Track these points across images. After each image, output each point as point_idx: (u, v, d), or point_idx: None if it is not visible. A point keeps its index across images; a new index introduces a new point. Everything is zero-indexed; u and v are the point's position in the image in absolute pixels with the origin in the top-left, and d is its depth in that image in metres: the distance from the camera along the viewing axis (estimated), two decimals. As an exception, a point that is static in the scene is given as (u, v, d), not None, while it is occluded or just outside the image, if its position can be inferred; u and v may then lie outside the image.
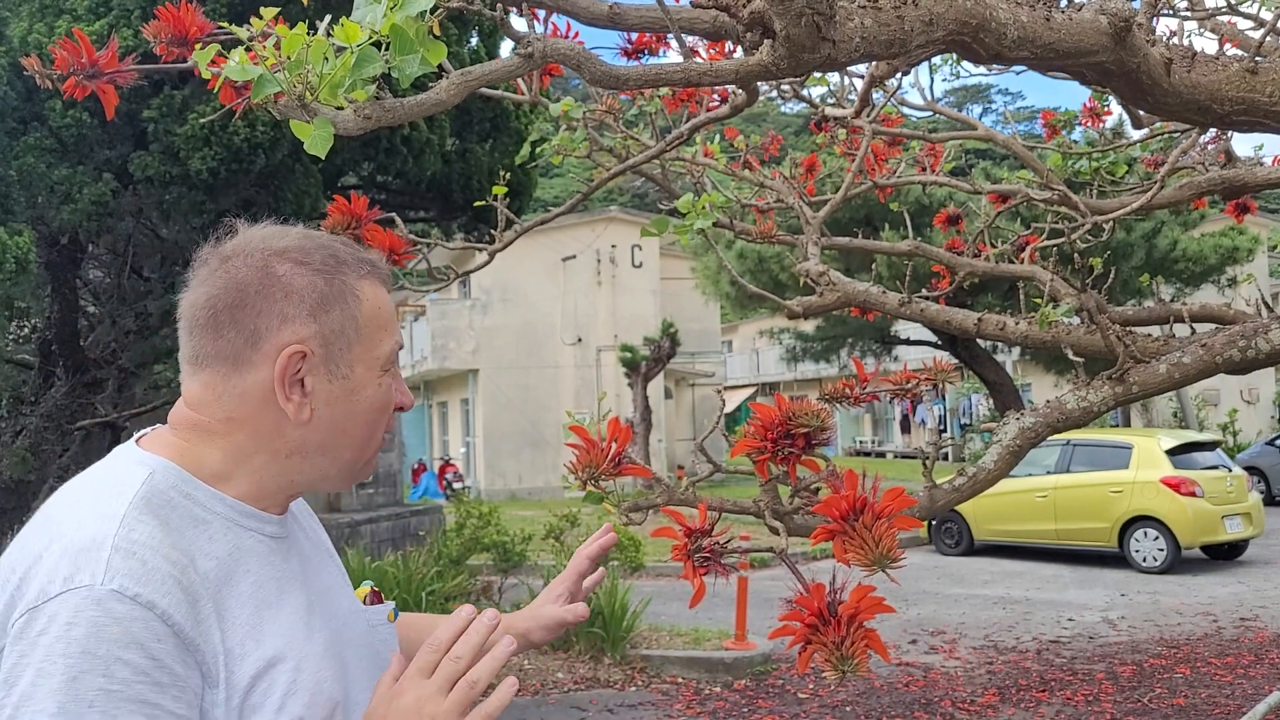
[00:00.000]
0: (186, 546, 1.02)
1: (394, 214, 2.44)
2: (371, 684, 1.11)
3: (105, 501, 1.02)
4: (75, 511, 1.02)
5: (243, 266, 1.08)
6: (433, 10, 1.32)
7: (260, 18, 1.49)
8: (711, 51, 2.90)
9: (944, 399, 29.94)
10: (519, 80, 2.83)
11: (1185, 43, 2.11)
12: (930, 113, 3.99)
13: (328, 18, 1.37)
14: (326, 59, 1.31)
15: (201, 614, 0.99)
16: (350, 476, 1.17)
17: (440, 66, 1.44)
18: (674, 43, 1.67)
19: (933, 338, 15.00)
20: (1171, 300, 3.39)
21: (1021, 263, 3.34)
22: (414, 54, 1.29)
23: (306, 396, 1.09)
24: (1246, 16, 3.11)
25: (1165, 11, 3.03)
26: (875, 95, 3.28)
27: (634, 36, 2.51)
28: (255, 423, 1.09)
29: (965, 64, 3.70)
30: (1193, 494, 11.52)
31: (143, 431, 1.15)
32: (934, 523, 13.50)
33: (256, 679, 1.01)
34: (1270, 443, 18.62)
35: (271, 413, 1.09)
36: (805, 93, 3.62)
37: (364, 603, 1.25)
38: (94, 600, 0.93)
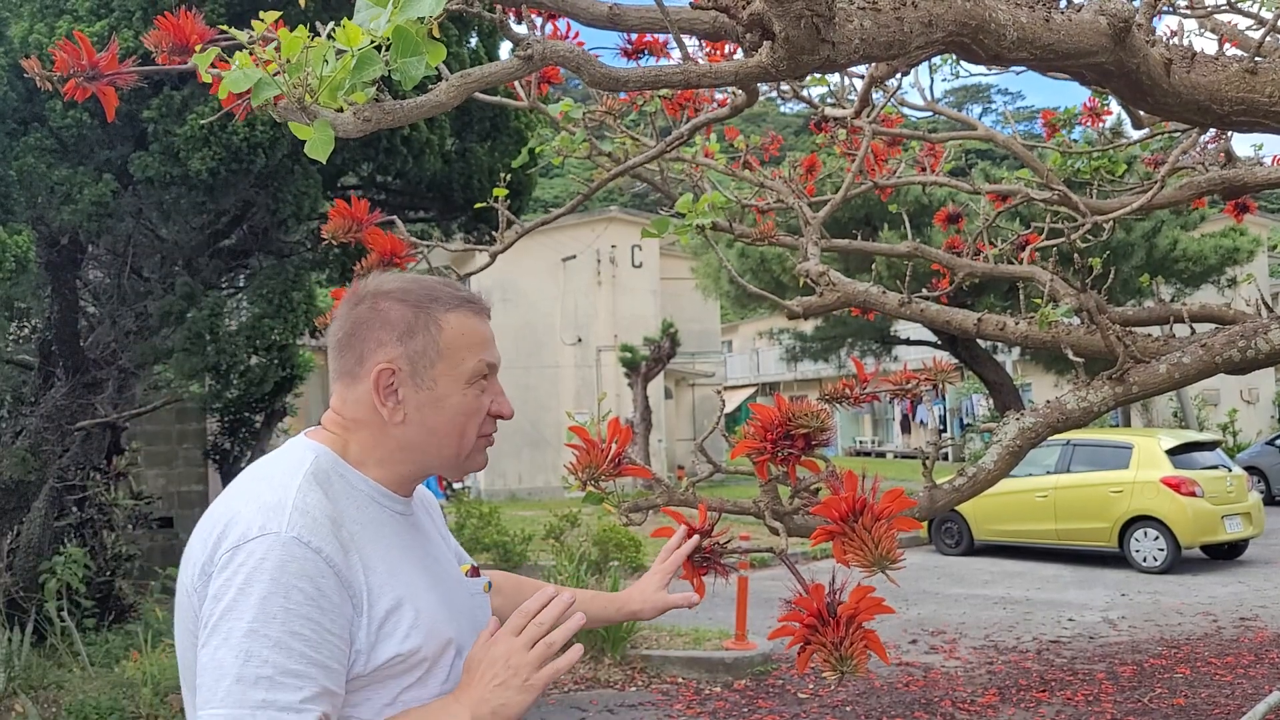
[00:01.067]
0: (340, 511, 1.34)
1: (394, 215, 2.44)
2: (473, 637, 1.41)
3: (286, 474, 1.35)
4: (265, 481, 1.34)
5: (360, 304, 1.43)
6: (433, 12, 1.32)
7: (260, 20, 1.49)
8: (710, 51, 2.90)
9: (944, 399, 29.94)
10: (517, 85, 2.84)
11: (1185, 43, 2.11)
12: (930, 113, 3.99)
13: (331, 25, 1.37)
14: (326, 61, 1.32)
15: (351, 561, 1.30)
16: (456, 468, 1.46)
17: (439, 68, 1.45)
18: (674, 44, 1.66)
19: (933, 338, 15.01)
20: (1171, 300, 3.39)
21: (1021, 262, 3.34)
22: (418, 55, 1.29)
23: (400, 404, 1.40)
24: (1246, 15, 3.12)
25: (1165, 9, 3.03)
26: (875, 95, 3.28)
27: (633, 37, 2.51)
28: (370, 424, 1.41)
29: (965, 64, 3.70)
30: (1193, 494, 11.52)
31: (308, 429, 1.48)
32: (934, 523, 13.50)
33: (390, 613, 1.31)
34: (1270, 442, 18.62)
35: (378, 417, 1.40)
36: (805, 93, 3.62)
37: (466, 575, 1.53)
38: (280, 543, 1.25)
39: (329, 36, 1.33)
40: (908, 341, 18.28)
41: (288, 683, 1.20)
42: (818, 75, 3.31)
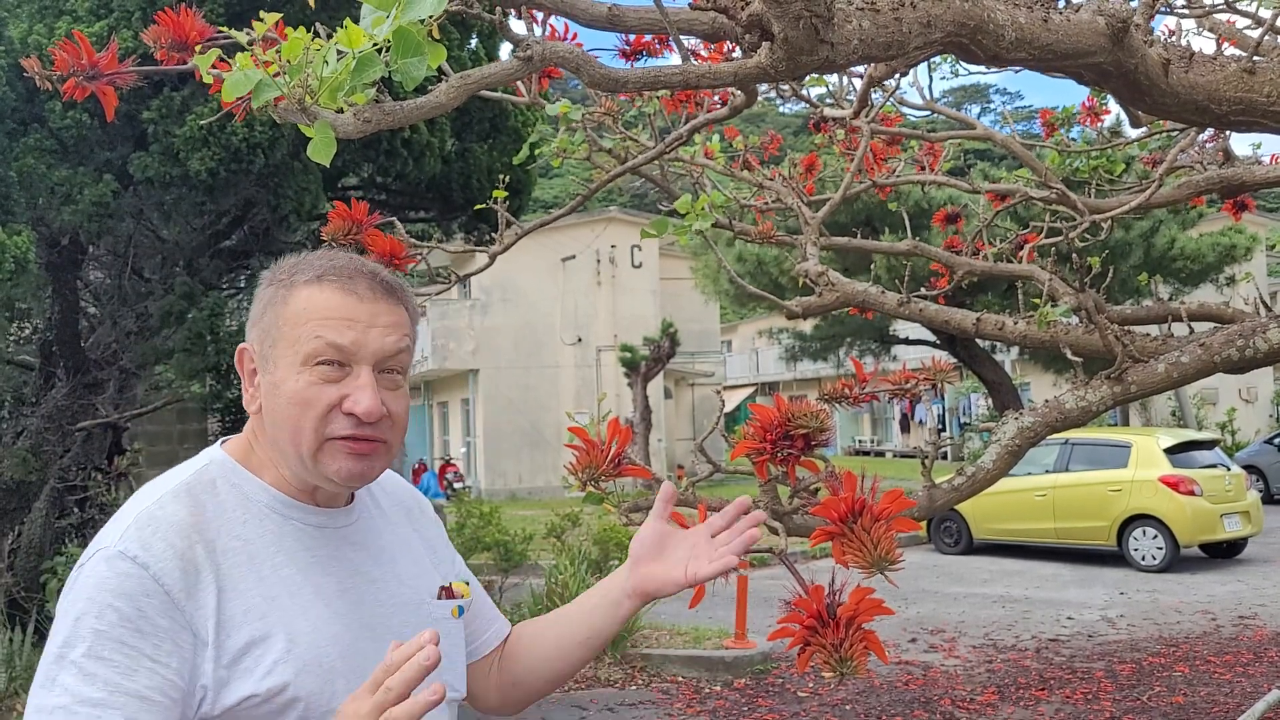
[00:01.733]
0: (215, 526, 1.20)
1: (394, 217, 2.44)
2: None
3: (157, 485, 1.24)
4: (139, 494, 1.23)
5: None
6: (433, 13, 1.32)
7: (261, 20, 1.50)
8: (710, 50, 2.90)
9: (943, 399, 29.94)
10: (518, 82, 2.84)
11: (1183, 42, 2.11)
12: (929, 112, 4.00)
13: (336, 36, 1.37)
14: (327, 63, 1.32)
15: (201, 582, 1.15)
16: (305, 472, 1.24)
17: (439, 69, 1.45)
18: (674, 44, 1.67)
19: (931, 337, 15.01)
20: (1170, 299, 3.39)
21: (1020, 262, 3.34)
22: (420, 57, 1.29)
23: (256, 391, 1.26)
24: (1244, 15, 3.12)
25: (1163, 9, 3.03)
26: (874, 95, 3.28)
27: (632, 38, 2.52)
28: (255, 418, 1.28)
29: (963, 64, 3.71)
30: (1191, 493, 11.52)
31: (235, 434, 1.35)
32: (933, 521, 13.50)
33: (251, 645, 1.15)
34: (1268, 441, 18.63)
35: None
36: (804, 93, 3.63)
37: (435, 598, 1.35)
38: (105, 558, 1.14)
39: (329, 37, 1.34)
40: (906, 341, 18.29)
41: (82, 712, 1.06)
42: (816, 75, 3.32)
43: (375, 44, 1.29)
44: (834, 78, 3.72)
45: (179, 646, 1.12)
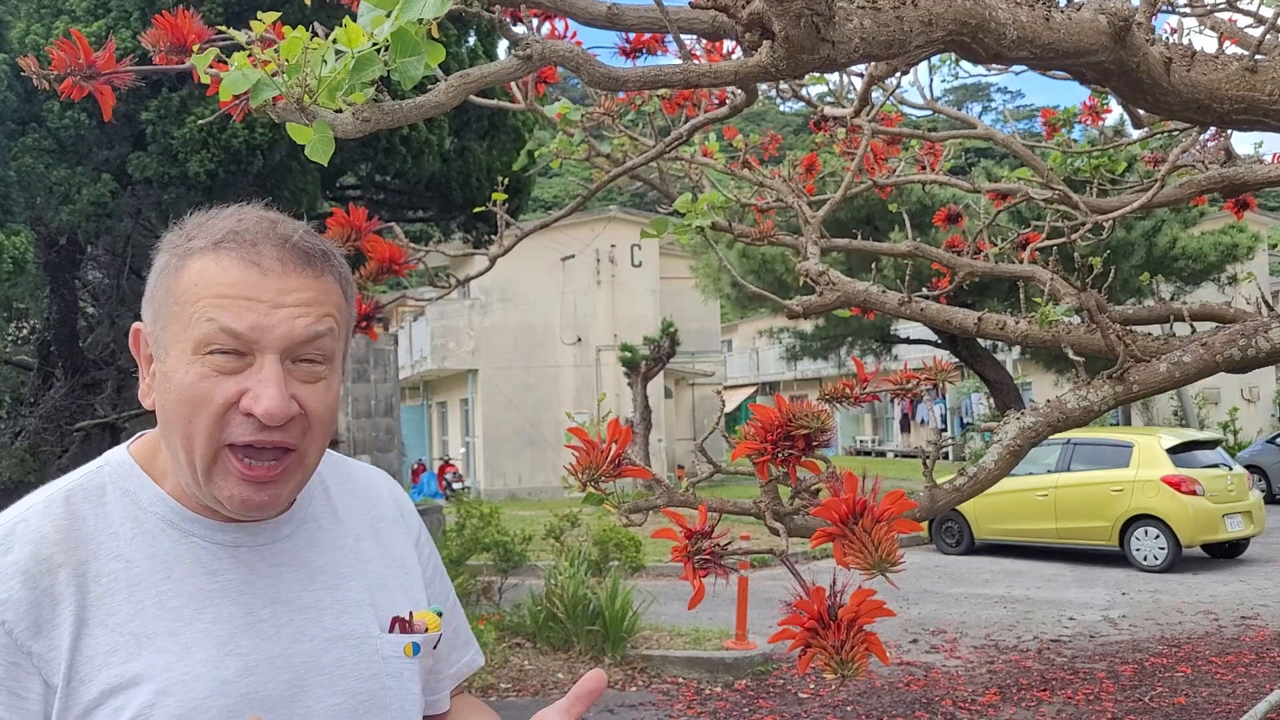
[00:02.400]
0: (94, 544, 1.00)
1: (393, 215, 2.44)
2: (344, 716, 1.04)
3: (38, 491, 1.04)
4: (20, 501, 1.04)
5: None
6: (431, 12, 1.31)
7: (259, 20, 1.49)
8: (708, 49, 2.89)
9: (944, 398, 29.93)
10: (514, 87, 2.83)
11: (1185, 41, 2.11)
12: (930, 111, 3.99)
13: (334, 34, 1.36)
14: (325, 62, 1.31)
15: (55, 617, 0.96)
16: (198, 486, 1.02)
17: (437, 68, 1.44)
18: (673, 43, 1.66)
19: (933, 337, 15.01)
20: (1171, 299, 3.39)
21: (1022, 261, 3.33)
22: (418, 56, 1.28)
23: (152, 379, 1.05)
24: (1246, 13, 3.11)
25: (1165, 8, 3.03)
26: (875, 94, 3.27)
27: (632, 36, 2.51)
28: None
29: (965, 63, 3.70)
30: (1193, 492, 11.52)
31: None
32: (934, 522, 13.50)
33: (108, 694, 0.95)
34: (1271, 441, 18.62)
35: None
36: (804, 92, 3.62)
37: (383, 631, 1.12)
38: None
39: (328, 37, 1.33)
40: (908, 340, 18.29)
41: None
42: (817, 74, 3.31)
43: (374, 43, 1.28)
44: (834, 76, 3.72)
45: (21, 697, 0.93)
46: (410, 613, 1.14)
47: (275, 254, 1.02)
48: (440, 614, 1.18)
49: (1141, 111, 3.18)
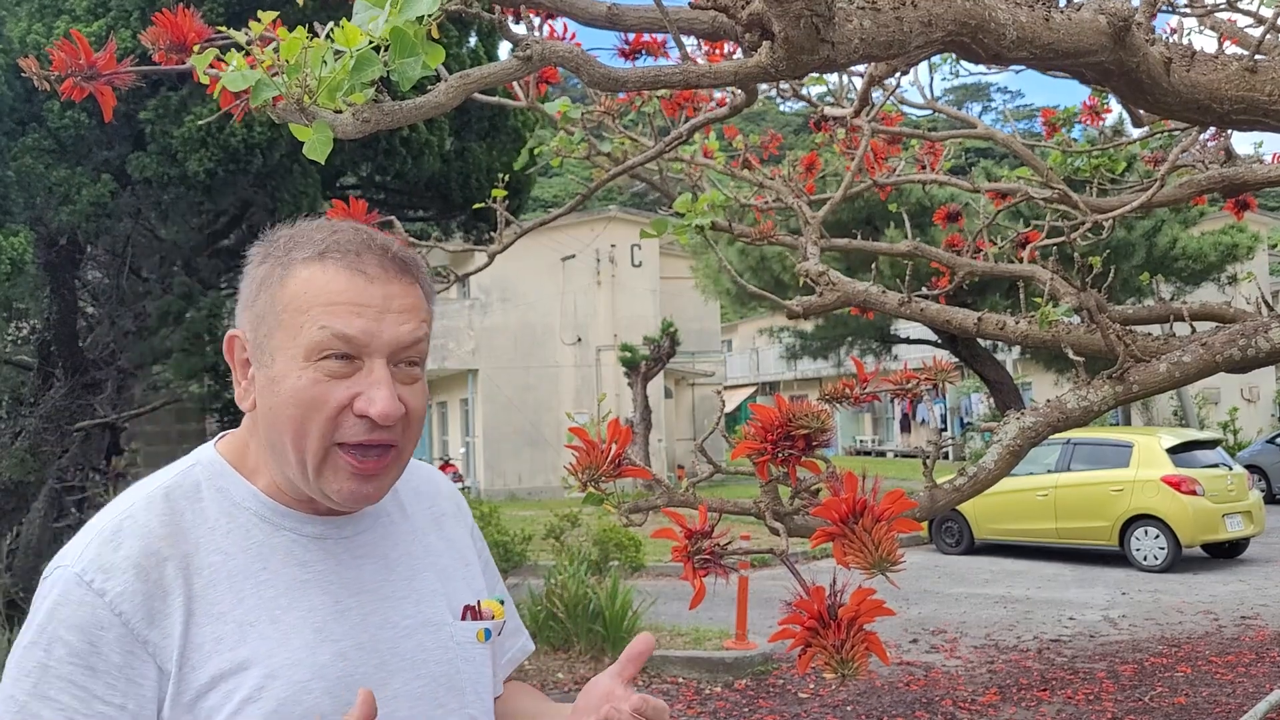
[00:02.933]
0: (194, 538, 1.05)
1: (393, 215, 2.44)
2: (426, 699, 1.10)
3: (135, 489, 1.10)
4: (117, 499, 1.10)
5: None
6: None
7: (258, 21, 1.49)
8: (710, 51, 2.89)
9: (944, 398, 29.93)
10: (515, 85, 2.83)
11: (1185, 41, 2.11)
12: (930, 111, 3.99)
13: (330, 25, 1.36)
14: (325, 62, 1.31)
15: (168, 608, 1.01)
16: (306, 484, 1.07)
17: (438, 69, 1.44)
18: (673, 45, 1.66)
19: (933, 337, 15.01)
20: (1171, 299, 3.39)
21: (1021, 261, 3.33)
22: (415, 57, 1.28)
23: (251, 384, 1.10)
24: (1246, 13, 3.11)
25: (1165, 8, 3.03)
26: (874, 94, 3.27)
27: (631, 37, 2.51)
28: (250, 415, 1.12)
29: (965, 63, 3.70)
30: (1193, 492, 11.52)
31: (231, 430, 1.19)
32: (934, 522, 13.50)
33: (219, 679, 1.00)
34: (1271, 441, 18.62)
35: None
36: (804, 92, 3.62)
37: (457, 619, 1.19)
38: (62, 580, 1.01)
39: (327, 37, 1.33)
40: (908, 340, 18.29)
41: None
42: (817, 74, 3.31)
43: (373, 43, 1.28)
44: (834, 77, 3.72)
45: (137, 685, 0.99)
46: (478, 601, 1.21)
47: (378, 263, 1.08)
48: (502, 602, 1.25)
49: (1141, 111, 3.18)
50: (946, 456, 27.19)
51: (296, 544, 1.10)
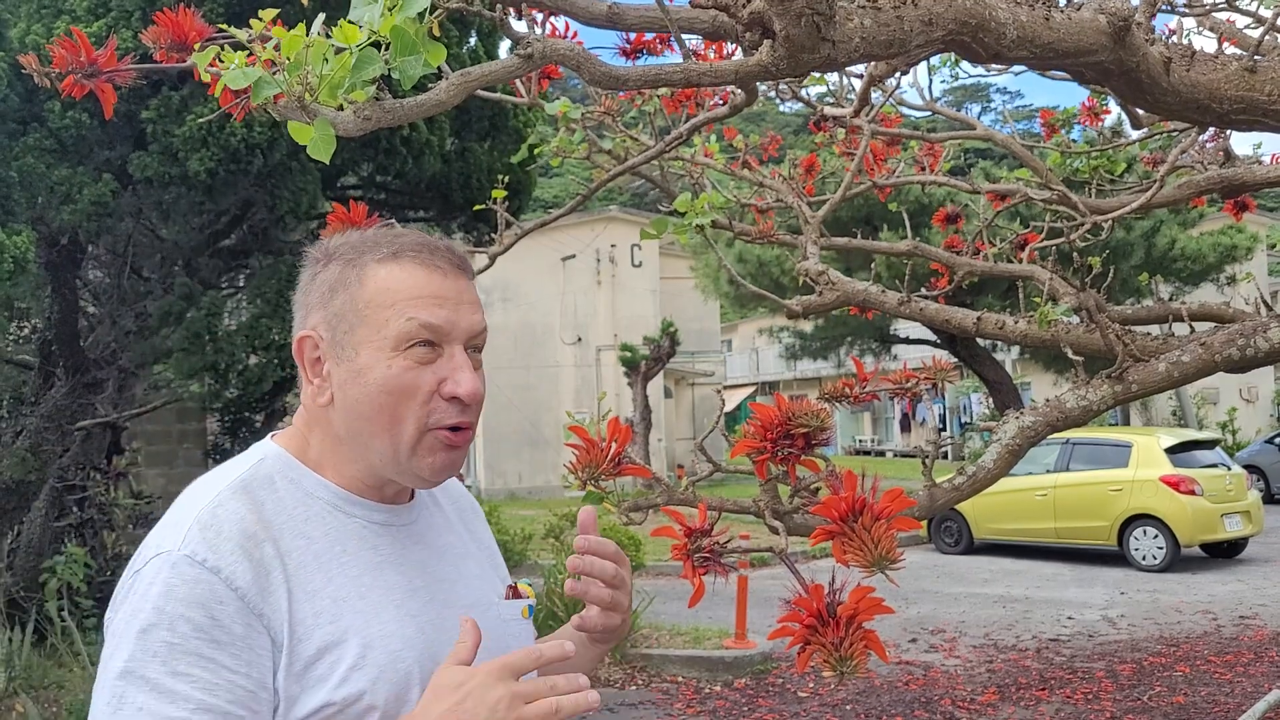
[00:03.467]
0: (278, 524, 1.12)
1: (393, 215, 2.44)
2: None
3: (212, 483, 1.15)
4: (189, 494, 1.15)
5: (305, 269, 1.22)
6: (432, 11, 1.32)
7: (259, 19, 1.49)
8: (708, 48, 2.90)
9: (943, 398, 29.94)
10: (517, 82, 2.84)
11: (1184, 41, 2.11)
12: (929, 112, 3.99)
13: (321, 15, 1.36)
14: (326, 60, 1.31)
15: (272, 584, 1.07)
16: (396, 466, 1.16)
17: (439, 67, 1.45)
18: (675, 43, 1.67)
19: (932, 336, 15.00)
20: (1170, 299, 3.39)
21: (1021, 261, 3.34)
22: (416, 55, 1.29)
23: (325, 381, 1.17)
24: (1245, 14, 3.11)
25: (1164, 8, 3.03)
26: (874, 95, 3.28)
27: (632, 36, 2.51)
28: (315, 411, 1.19)
29: (964, 64, 3.71)
30: (1192, 492, 11.52)
31: (278, 429, 1.26)
32: (934, 521, 13.50)
33: (324, 651, 1.07)
34: (1269, 441, 18.63)
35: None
36: (804, 92, 3.62)
37: (503, 598, 1.28)
38: (170, 564, 1.06)
39: (326, 35, 1.33)
40: (907, 340, 18.28)
41: None
42: (817, 74, 3.31)
43: (373, 40, 1.28)
44: (834, 77, 3.72)
45: (258, 654, 1.05)
46: (515, 583, 1.31)
47: (446, 259, 1.19)
48: (531, 585, 1.35)
49: (1140, 112, 3.19)
50: (945, 456, 27.21)
51: (367, 529, 1.18)
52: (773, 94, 3.70)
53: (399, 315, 1.13)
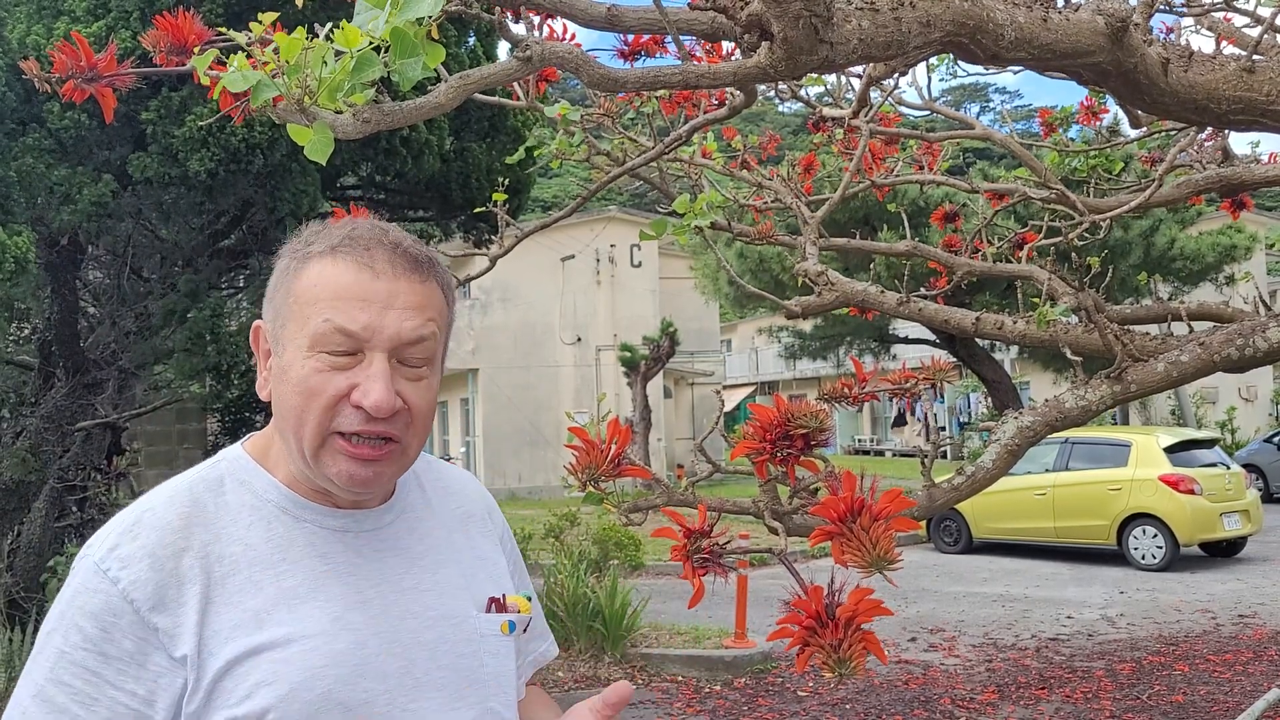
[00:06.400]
0: (214, 529, 1.09)
1: (393, 216, 2.44)
2: (447, 689, 1.13)
3: (164, 485, 1.14)
4: (146, 495, 1.14)
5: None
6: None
7: (259, 22, 1.49)
8: (709, 52, 2.90)
9: (942, 398, 29.94)
10: (515, 85, 2.84)
11: (1182, 41, 2.11)
12: (928, 112, 3.99)
13: (329, 26, 1.37)
14: (325, 63, 1.32)
15: (183, 597, 1.04)
16: (306, 469, 1.11)
17: (437, 69, 1.45)
18: (672, 45, 1.67)
19: (931, 336, 15.01)
20: (1169, 299, 3.40)
21: (1019, 261, 3.34)
22: (416, 57, 1.29)
23: (269, 373, 1.14)
24: (1243, 13, 3.11)
25: (1162, 8, 3.03)
26: (873, 95, 3.28)
27: (631, 38, 2.52)
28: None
29: (962, 64, 3.71)
30: (1191, 491, 11.53)
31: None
32: (933, 521, 13.50)
33: (233, 665, 1.04)
34: (1268, 440, 18.63)
35: None
36: (803, 93, 3.63)
37: (481, 611, 1.21)
38: (83, 569, 1.06)
39: (327, 38, 1.34)
40: (906, 340, 18.29)
41: None
42: (815, 75, 3.31)
43: (373, 43, 1.29)
44: (832, 77, 3.72)
45: (149, 671, 1.02)
46: (504, 595, 1.24)
47: (386, 258, 1.11)
48: (530, 599, 1.28)
49: (1139, 112, 3.19)
50: (945, 456, 27.21)
51: (318, 536, 1.13)
52: (772, 94, 3.70)
53: (318, 315, 1.09)
